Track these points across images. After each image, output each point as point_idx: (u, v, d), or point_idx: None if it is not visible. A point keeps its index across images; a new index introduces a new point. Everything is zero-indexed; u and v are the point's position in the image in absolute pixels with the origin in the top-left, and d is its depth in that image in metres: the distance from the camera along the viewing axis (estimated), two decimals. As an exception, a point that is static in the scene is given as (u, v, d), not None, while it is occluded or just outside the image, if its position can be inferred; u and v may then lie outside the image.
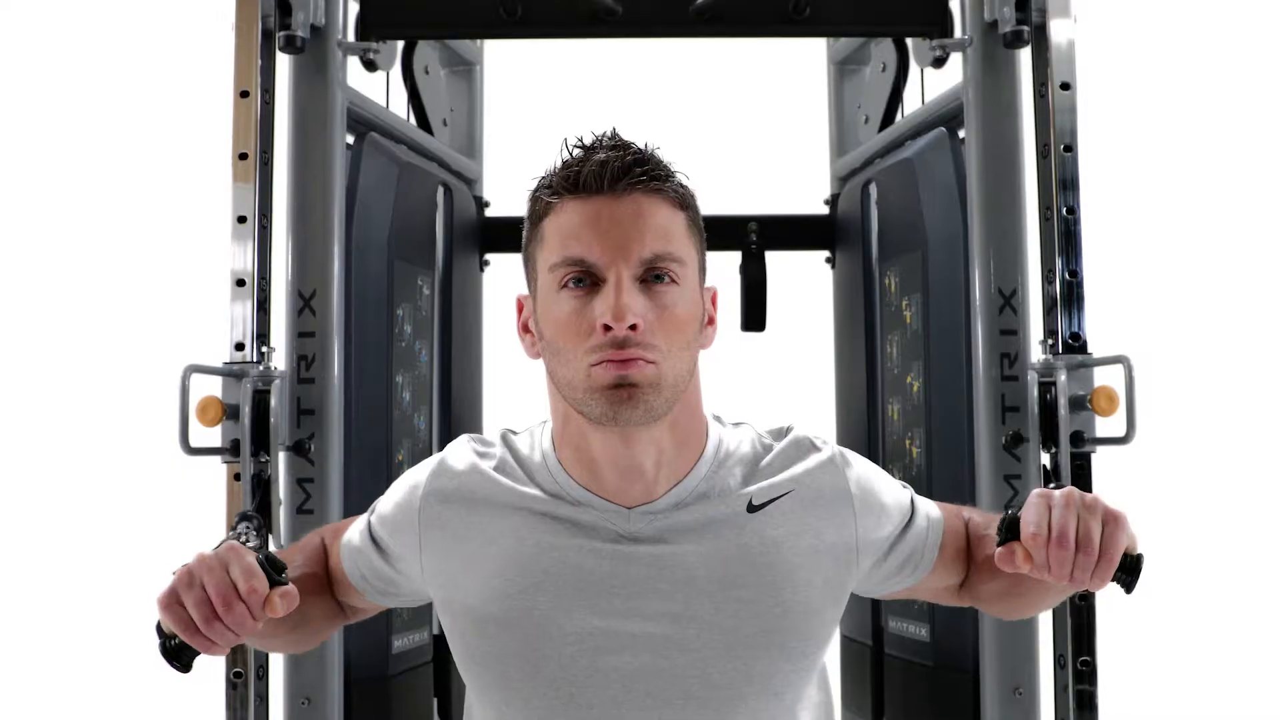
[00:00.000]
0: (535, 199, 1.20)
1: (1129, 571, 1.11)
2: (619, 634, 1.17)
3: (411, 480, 1.29)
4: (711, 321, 1.24)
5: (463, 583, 1.22)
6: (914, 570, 1.30)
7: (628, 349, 1.10)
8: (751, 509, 1.21)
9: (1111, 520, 1.07)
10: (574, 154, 1.18)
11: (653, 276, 1.14)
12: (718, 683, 1.17)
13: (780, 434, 1.29)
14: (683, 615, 1.17)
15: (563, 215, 1.16)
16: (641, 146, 1.19)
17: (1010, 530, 1.12)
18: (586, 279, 1.13)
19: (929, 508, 1.32)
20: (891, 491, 1.30)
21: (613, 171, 1.14)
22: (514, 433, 1.30)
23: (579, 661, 1.17)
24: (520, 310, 1.24)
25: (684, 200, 1.19)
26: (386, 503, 1.31)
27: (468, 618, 1.22)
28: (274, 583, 1.08)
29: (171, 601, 1.05)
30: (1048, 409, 1.91)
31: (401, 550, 1.27)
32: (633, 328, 1.10)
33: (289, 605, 1.05)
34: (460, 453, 1.28)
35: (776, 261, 2.64)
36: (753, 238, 2.61)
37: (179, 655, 1.10)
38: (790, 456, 1.26)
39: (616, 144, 1.18)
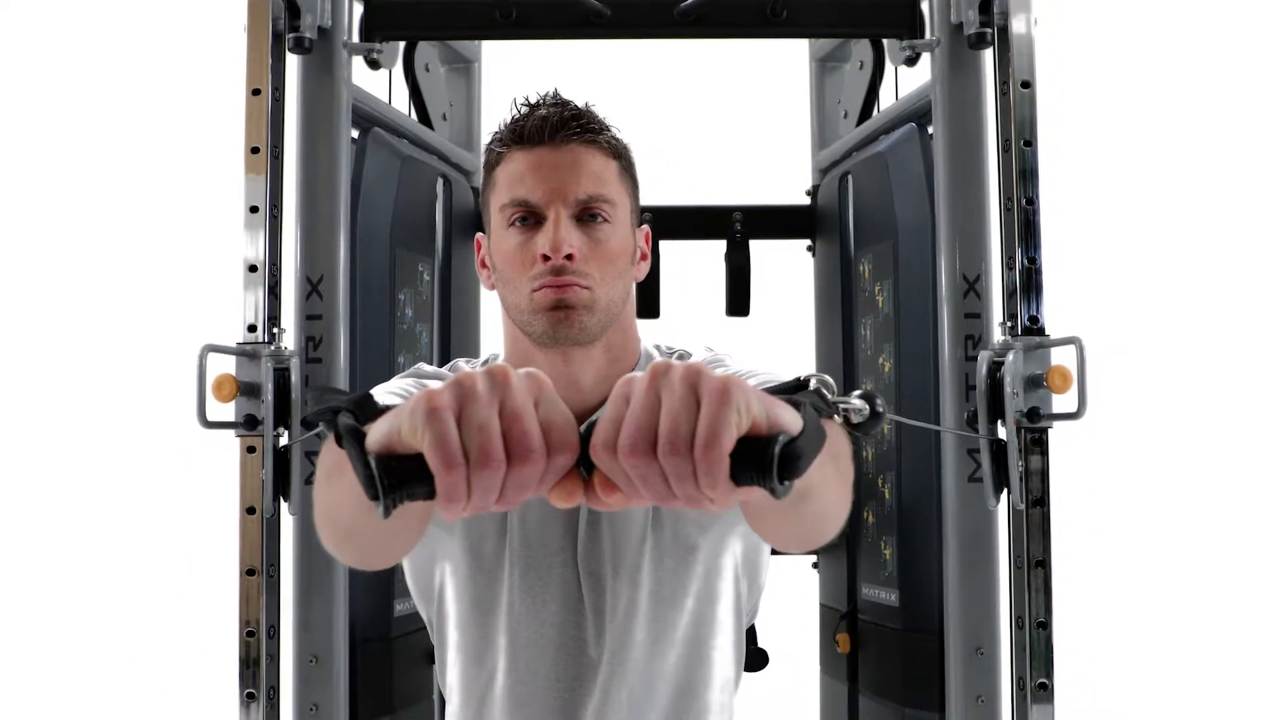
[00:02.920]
0: (489, 151, 1.35)
1: (755, 465, 0.69)
2: (550, 554, 1.34)
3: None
4: (645, 257, 1.38)
5: None
6: None
7: (564, 275, 1.25)
8: None
9: (711, 395, 0.69)
10: (521, 111, 1.32)
11: (588, 215, 1.28)
12: (623, 595, 1.33)
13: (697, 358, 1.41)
14: (594, 538, 1.34)
15: (510, 163, 1.30)
16: (580, 104, 1.32)
17: (587, 449, 0.73)
18: (530, 217, 1.28)
19: None
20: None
21: (552, 125, 1.28)
22: (469, 361, 1.44)
23: (524, 578, 1.34)
24: (479, 249, 1.38)
25: (617, 150, 1.33)
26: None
27: (450, 541, 1.36)
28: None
29: (447, 412, 0.69)
30: (996, 386, 1.96)
31: None
32: (569, 257, 1.24)
33: (580, 500, 0.75)
34: (439, 378, 1.39)
35: (760, 250, 2.72)
36: (737, 227, 2.69)
37: (399, 485, 0.69)
38: None
39: (557, 102, 1.32)
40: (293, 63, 2.11)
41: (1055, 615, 2.00)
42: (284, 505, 2.03)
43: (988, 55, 2.12)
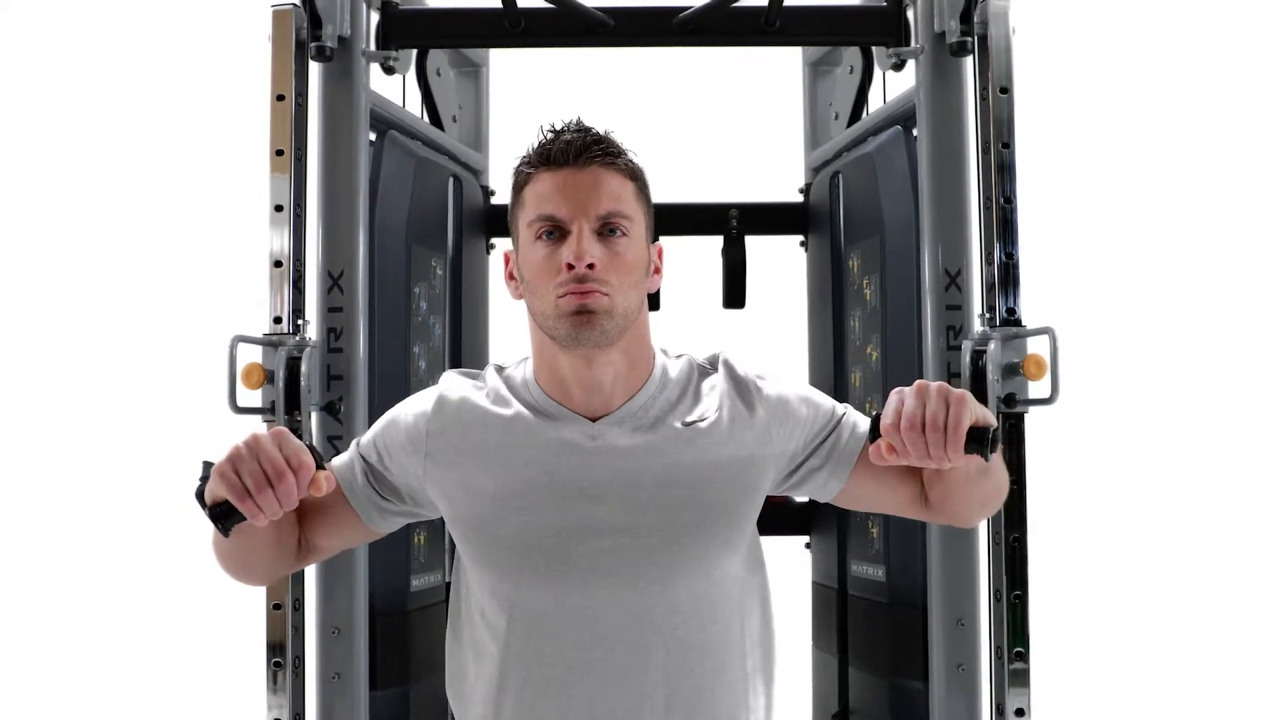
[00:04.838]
0: (517, 172, 1.46)
1: (978, 441, 1.23)
2: (586, 525, 1.41)
3: (415, 408, 1.49)
4: (658, 271, 1.50)
5: (465, 492, 1.45)
6: (834, 471, 1.49)
7: (587, 283, 1.36)
8: (685, 425, 1.45)
9: (955, 400, 1.22)
10: (547, 136, 1.44)
11: (607, 230, 1.39)
12: (661, 563, 1.42)
13: (712, 361, 1.52)
14: (634, 509, 1.42)
15: (538, 183, 1.41)
16: (600, 131, 1.45)
17: (875, 428, 1.29)
18: (556, 231, 1.39)
19: (858, 421, 1.52)
20: (809, 404, 1.50)
21: (576, 148, 1.40)
22: (503, 366, 1.54)
23: (556, 549, 1.41)
24: (507, 263, 1.49)
25: (633, 172, 1.45)
26: (387, 430, 1.50)
27: (469, 519, 1.45)
28: (318, 466, 1.24)
29: (228, 469, 1.20)
30: (979, 374, 2.06)
31: (405, 462, 1.47)
32: (590, 267, 1.36)
33: (330, 487, 1.24)
34: (455, 383, 1.51)
35: (755, 245, 2.80)
36: (733, 223, 2.78)
37: (226, 518, 1.23)
38: (716, 381, 1.50)
39: (580, 128, 1.44)
40: (314, 70, 2.21)
41: (1031, 589, 2.10)
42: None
43: (969, 62, 2.22)
